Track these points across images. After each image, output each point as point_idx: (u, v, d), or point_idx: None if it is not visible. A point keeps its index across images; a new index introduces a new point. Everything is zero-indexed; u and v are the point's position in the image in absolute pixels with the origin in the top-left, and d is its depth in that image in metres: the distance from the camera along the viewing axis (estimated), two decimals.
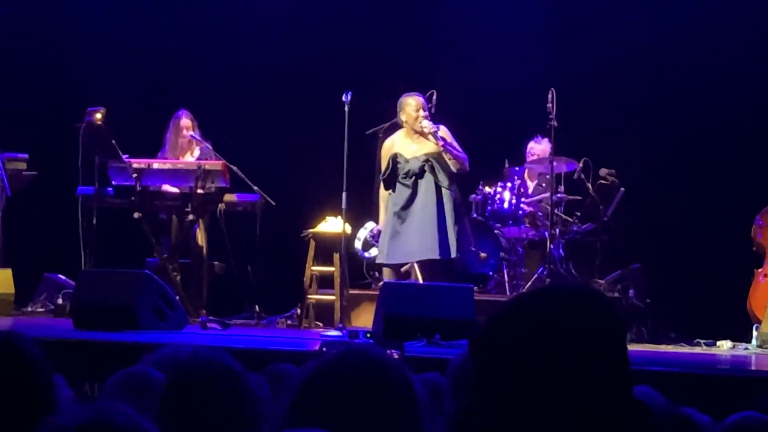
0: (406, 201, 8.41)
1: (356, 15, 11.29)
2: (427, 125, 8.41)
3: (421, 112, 8.44)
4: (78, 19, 11.45)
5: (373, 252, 8.99)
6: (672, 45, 10.74)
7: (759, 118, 10.29)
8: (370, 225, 9.18)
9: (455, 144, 8.49)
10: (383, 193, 8.68)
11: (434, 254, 8.34)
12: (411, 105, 8.49)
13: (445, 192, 8.42)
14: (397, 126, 8.64)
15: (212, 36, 11.35)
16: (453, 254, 8.42)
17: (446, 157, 8.42)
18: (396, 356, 4.65)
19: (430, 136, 8.40)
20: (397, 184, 8.49)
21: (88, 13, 11.45)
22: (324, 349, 5.52)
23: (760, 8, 10.51)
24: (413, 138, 8.52)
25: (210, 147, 9.47)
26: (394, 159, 8.48)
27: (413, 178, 8.42)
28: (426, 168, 8.42)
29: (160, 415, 2.09)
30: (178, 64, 11.27)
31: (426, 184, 8.41)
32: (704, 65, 10.55)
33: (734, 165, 10.28)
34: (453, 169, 8.45)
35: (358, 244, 9.31)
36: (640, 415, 1.58)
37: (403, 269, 8.90)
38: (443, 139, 8.40)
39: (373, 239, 9.01)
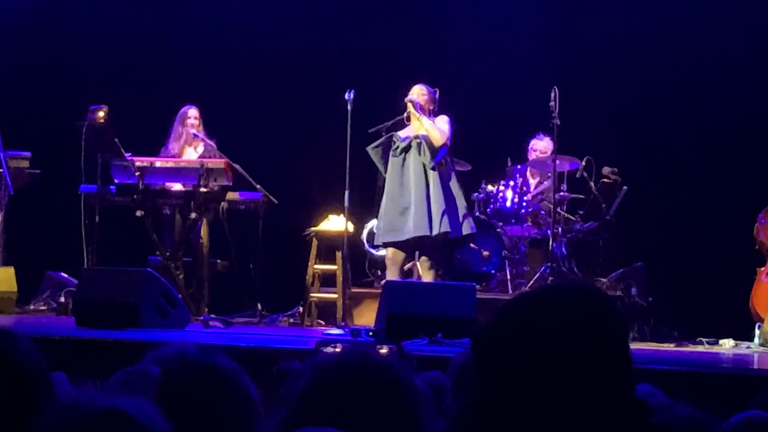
0: (397, 180, 8.56)
1: (359, 13, 11.30)
2: (408, 100, 8.58)
3: (411, 95, 8.60)
4: (81, 17, 11.46)
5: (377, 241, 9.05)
6: (675, 44, 10.74)
7: (762, 116, 10.28)
8: (374, 222, 9.17)
9: (437, 125, 8.58)
10: None
11: (425, 231, 8.40)
12: (412, 91, 8.67)
13: (430, 172, 8.51)
14: (400, 123, 8.68)
15: (215, 34, 11.36)
16: (444, 229, 8.44)
17: (426, 128, 8.48)
18: (385, 350, 4.62)
19: (409, 105, 8.54)
20: (389, 163, 8.62)
21: (91, 12, 11.46)
22: (320, 348, 5.51)
23: (762, 8, 10.51)
24: (411, 122, 8.64)
25: (214, 145, 9.48)
26: (390, 136, 8.65)
27: (402, 154, 8.57)
28: (413, 144, 8.54)
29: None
30: (181, 63, 11.29)
31: (414, 162, 8.55)
32: (707, 64, 10.55)
33: (737, 164, 10.28)
34: (434, 144, 8.50)
35: (364, 236, 9.38)
36: (641, 414, 1.57)
37: (405, 267, 8.89)
38: (417, 104, 8.54)
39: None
